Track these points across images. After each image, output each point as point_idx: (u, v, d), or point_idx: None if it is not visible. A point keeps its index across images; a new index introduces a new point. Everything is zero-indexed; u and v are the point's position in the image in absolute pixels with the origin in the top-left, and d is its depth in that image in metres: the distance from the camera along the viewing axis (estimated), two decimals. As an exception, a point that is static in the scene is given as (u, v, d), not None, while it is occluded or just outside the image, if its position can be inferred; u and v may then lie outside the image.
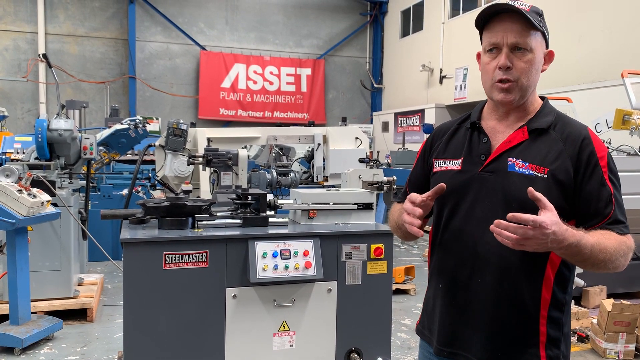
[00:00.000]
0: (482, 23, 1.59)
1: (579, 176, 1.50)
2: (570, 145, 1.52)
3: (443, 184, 1.53)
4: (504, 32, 1.52)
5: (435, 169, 1.70)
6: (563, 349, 1.56)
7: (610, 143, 5.49)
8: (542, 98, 1.65)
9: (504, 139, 1.58)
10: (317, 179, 6.43)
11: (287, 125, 11.03)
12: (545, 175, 1.50)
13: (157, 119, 13.72)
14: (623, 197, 1.56)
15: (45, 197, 4.00)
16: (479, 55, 1.65)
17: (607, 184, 1.50)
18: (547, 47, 1.59)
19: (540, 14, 1.55)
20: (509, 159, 1.54)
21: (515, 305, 1.54)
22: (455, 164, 1.64)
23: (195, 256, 2.33)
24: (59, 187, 4.72)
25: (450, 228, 1.64)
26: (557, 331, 1.56)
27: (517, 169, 1.53)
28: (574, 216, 1.52)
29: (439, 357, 1.70)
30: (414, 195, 1.56)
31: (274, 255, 2.39)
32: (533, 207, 1.47)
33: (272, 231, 2.51)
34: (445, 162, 1.68)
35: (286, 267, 2.39)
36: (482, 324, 1.57)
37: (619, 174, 1.57)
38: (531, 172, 1.51)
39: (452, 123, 1.76)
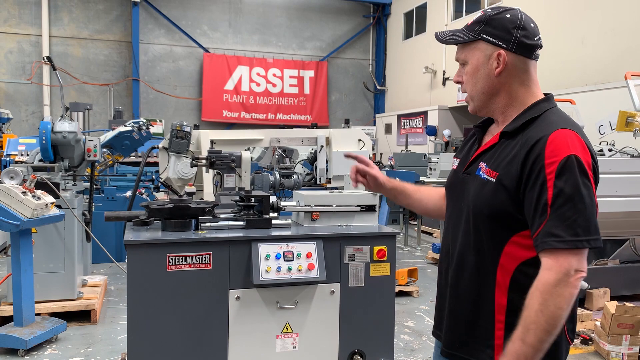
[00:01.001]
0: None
1: (523, 182, 1.45)
2: (523, 148, 1.46)
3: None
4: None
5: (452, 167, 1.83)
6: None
7: (614, 145, 5.48)
8: (546, 94, 1.61)
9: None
10: (320, 181, 6.43)
11: (290, 127, 11.06)
12: (494, 180, 1.51)
13: (160, 121, 13.74)
14: (627, 199, 1.56)
15: (49, 199, 4.02)
16: None
17: (546, 192, 1.39)
18: (506, 48, 1.53)
19: (482, 22, 1.56)
20: (481, 163, 1.59)
21: (471, 304, 1.60)
22: (455, 164, 1.77)
23: (199, 258, 2.33)
24: (63, 189, 4.74)
25: (445, 224, 1.79)
26: None
27: (480, 173, 1.57)
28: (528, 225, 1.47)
29: (434, 336, 1.84)
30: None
31: (277, 257, 2.40)
32: (479, 211, 1.54)
33: (275, 233, 2.51)
34: (454, 161, 1.80)
35: (289, 269, 2.40)
36: (447, 314, 1.68)
37: (622, 176, 1.54)
38: (485, 176, 1.55)
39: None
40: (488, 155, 1.59)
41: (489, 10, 1.59)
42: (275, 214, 2.70)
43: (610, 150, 5.20)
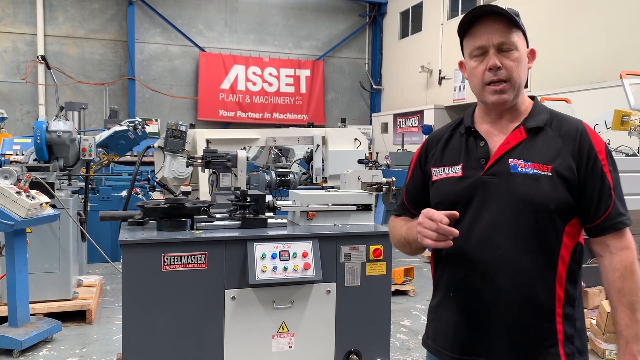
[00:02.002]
0: (464, 29, 1.60)
1: (582, 171, 1.51)
2: (568, 141, 1.53)
3: (456, 213, 1.49)
4: (488, 34, 1.53)
5: (435, 178, 1.67)
6: (578, 345, 1.56)
7: (609, 144, 5.49)
8: (532, 97, 1.66)
9: (502, 141, 1.57)
10: (316, 180, 6.43)
11: (286, 126, 11.04)
12: (550, 173, 1.50)
13: (156, 120, 13.69)
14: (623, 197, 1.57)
15: (44, 198, 4.00)
16: (461, 64, 1.67)
17: (606, 177, 1.52)
18: (527, 46, 1.60)
19: (517, 15, 1.56)
20: (510, 160, 1.53)
21: (532, 307, 1.52)
22: (455, 171, 1.62)
23: (194, 258, 2.33)
24: (57, 189, 4.71)
25: (458, 236, 1.56)
26: (571, 327, 1.55)
27: (520, 169, 1.52)
28: (577, 212, 1.54)
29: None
30: (437, 215, 1.46)
31: (273, 257, 2.39)
32: (542, 206, 1.49)
33: (271, 232, 2.51)
34: (444, 169, 1.65)
35: (285, 269, 2.39)
36: (503, 329, 1.54)
37: (619, 175, 1.57)
38: (535, 171, 1.51)
39: (445, 130, 1.74)
40: (517, 151, 1.54)
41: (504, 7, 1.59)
42: (271, 214, 2.70)
43: (605, 149, 5.21)
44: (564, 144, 1.53)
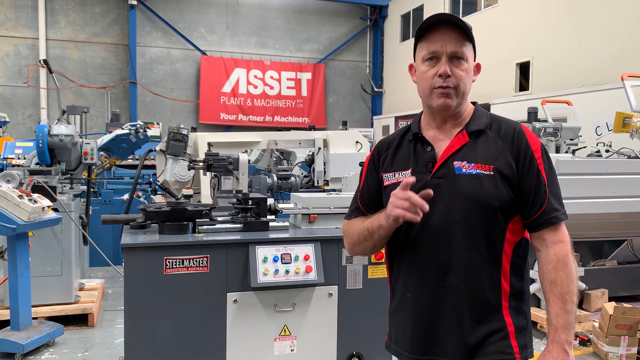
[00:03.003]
0: (421, 34, 1.66)
1: (519, 169, 1.59)
2: (507, 141, 1.62)
3: (430, 191, 1.50)
4: (443, 41, 1.61)
5: (386, 183, 1.72)
6: (528, 337, 1.63)
7: (610, 146, 5.48)
8: (473, 103, 1.73)
9: (447, 145, 1.64)
10: (317, 183, 6.44)
11: (288, 129, 11.05)
12: (492, 173, 1.58)
13: (157, 123, 13.71)
14: (624, 200, 1.60)
15: (46, 202, 4.01)
16: (411, 67, 1.76)
17: (541, 175, 1.59)
18: (474, 60, 1.68)
19: (471, 30, 1.63)
20: (455, 163, 1.61)
21: (482, 302, 1.58)
22: (405, 175, 1.67)
23: (196, 261, 2.33)
24: (59, 193, 4.72)
25: (410, 238, 1.65)
26: (523, 319, 1.62)
27: (464, 170, 1.59)
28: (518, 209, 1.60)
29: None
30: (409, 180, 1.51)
31: (275, 260, 2.39)
32: (485, 204, 1.56)
33: (272, 235, 2.51)
34: (394, 174, 1.70)
35: (287, 272, 2.39)
36: (456, 326, 1.59)
37: (620, 177, 1.59)
38: (478, 171, 1.58)
39: (394, 136, 1.80)
40: (461, 153, 1.61)
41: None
42: (273, 217, 2.70)
43: (607, 151, 5.21)
44: (504, 145, 1.61)
